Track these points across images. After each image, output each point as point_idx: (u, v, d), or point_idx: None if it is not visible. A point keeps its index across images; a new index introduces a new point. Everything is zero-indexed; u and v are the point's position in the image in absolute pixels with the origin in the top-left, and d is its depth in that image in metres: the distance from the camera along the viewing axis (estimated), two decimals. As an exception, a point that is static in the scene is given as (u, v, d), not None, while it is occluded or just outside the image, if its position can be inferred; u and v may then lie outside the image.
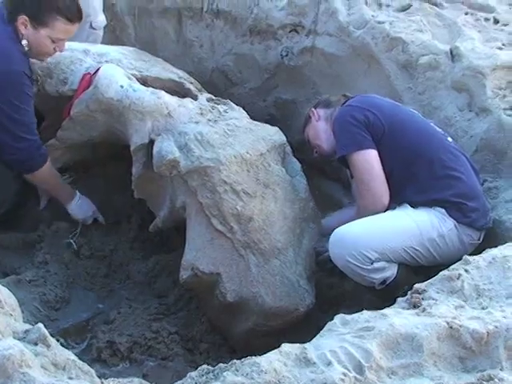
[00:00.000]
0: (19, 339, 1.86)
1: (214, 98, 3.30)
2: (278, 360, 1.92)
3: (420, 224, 2.95)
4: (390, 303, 2.35)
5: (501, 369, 1.97)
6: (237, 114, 3.21)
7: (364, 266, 2.88)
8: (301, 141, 3.65)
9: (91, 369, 1.94)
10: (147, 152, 2.98)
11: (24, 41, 2.99)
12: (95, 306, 3.24)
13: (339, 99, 3.43)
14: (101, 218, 3.50)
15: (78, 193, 3.39)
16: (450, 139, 3.22)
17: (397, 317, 2.10)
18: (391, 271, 2.96)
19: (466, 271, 2.34)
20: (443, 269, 2.44)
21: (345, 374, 1.86)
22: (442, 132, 3.24)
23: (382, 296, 2.90)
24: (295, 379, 1.86)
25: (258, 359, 1.92)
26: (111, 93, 3.03)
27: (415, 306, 2.21)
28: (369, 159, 3.05)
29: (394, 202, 3.06)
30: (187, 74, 3.66)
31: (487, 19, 4.21)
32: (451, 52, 3.77)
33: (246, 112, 3.32)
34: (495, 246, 2.61)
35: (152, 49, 4.24)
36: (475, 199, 3.04)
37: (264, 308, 2.86)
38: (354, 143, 3.07)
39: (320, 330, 2.16)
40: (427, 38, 3.88)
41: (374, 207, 3.04)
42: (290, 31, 4.33)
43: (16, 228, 3.41)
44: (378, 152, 3.06)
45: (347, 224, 2.99)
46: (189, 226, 2.92)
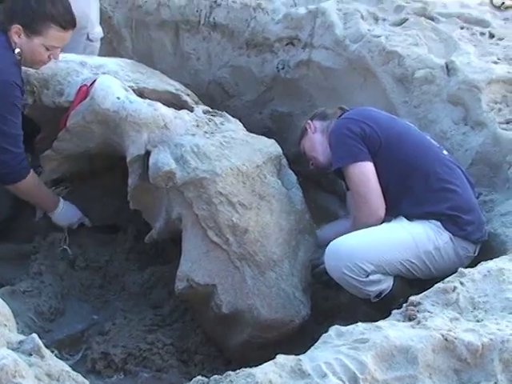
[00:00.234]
0: (13, 349, 1.85)
1: (211, 110, 3.31)
2: (273, 371, 1.91)
3: (416, 236, 2.95)
4: (386, 316, 2.34)
5: (495, 381, 1.97)
6: (233, 126, 3.21)
7: (360, 279, 2.88)
8: (297, 153, 3.65)
9: (85, 380, 1.93)
10: (143, 163, 2.98)
11: (17, 49, 2.97)
12: (90, 318, 3.22)
13: (335, 112, 3.43)
14: (87, 222, 3.46)
15: (62, 200, 3.35)
16: (446, 152, 3.23)
17: (392, 329, 2.10)
18: (387, 284, 2.96)
19: (462, 284, 2.34)
20: (438, 281, 2.44)
21: (340, 386, 1.86)
22: (438, 145, 3.25)
23: (378, 308, 2.90)
24: (290, 391, 1.86)
25: (253, 371, 1.91)
26: (108, 104, 3.03)
27: (410, 319, 2.21)
28: (365, 171, 3.06)
29: (390, 215, 3.06)
30: (184, 86, 3.67)
31: (483, 34, 4.24)
32: (447, 66, 3.79)
33: (243, 124, 3.32)
34: (490, 259, 2.61)
35: (149, 61, 4.26)
36: (471, 212, 3.04)
37: (259, 320, 2.85)
38: (350, 155, 3.07)
39: (315, 342, 2.15)
40: (423, 52, 3.90)
41: (370, 220, 3.04)
42: (287, 44, 4.36)
43: (11, 239, 3.41)
44: (374, 165, 3.06)
45: (343, 236, 2.98)
46: (184, 238, 2.92)
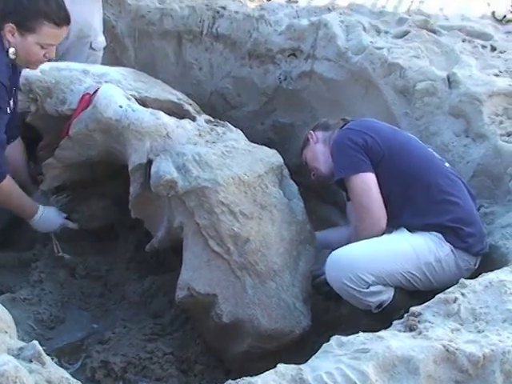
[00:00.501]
0: (14, 356, 1.84)
1: (213, 120, 3.32)
2: (274, 380, 1.91)
3: (417, 248, 2.95)
4: (387, 327, 2.34)
5: (497, 392, 1.97)
6: (235, 136, 3.22)
7: (360, 289, 2.87)
8: (298, 164, 3.66)
9: (85, 387, 1.93)
10: (145, 172, 2.98)
11: (11, 49, 2.91)
12: (90, 326, 3.22)
13: (338, 122, 3.44)
14: (72, 225, 3.38)
15: (42, 206, 3.27)
16: (448, 164, 3.23)
17: (393, 339, 2.09)
18: (388, 295, 2.95)
19: (463, 295, 2.34)
20: (439, 293, 2.43)
21: (340, 396, 1.86)
22: (440, 157, 3.25)
23: (379, 320, 2.88)
24: (291, 400, 1.85)
25: (254, 379, 1.91)
26: (110, 113, 3.03)
27: (411, 329, 2.20)
28: (367, 182, 3.05)
29: (391, 226, 3.05)
30: (186, 96, 3.68)
31: (484, 46, 4.26)
32: (448, 78, 3.80)
33: (245, 135, 3.33)
34: (491, 271, 2.61)
35: (152, 71, 4.26)
36: (472, 224, 3.04)
37: (260, 330, 2.84)
38: (352, 166, 3.07)
39: (315, 353, 2.15)
40: (425, 64, 3.91)
41: (372, 230, 3.03)
42: (289, 55, 4.38)
43: (12, 247, 3.41)
44: (376, 175, 3.06)
45: (344, 247, 2.98)
46: (185, 247, 2.91)
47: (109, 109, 3.04)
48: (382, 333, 2.18)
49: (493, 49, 4.25)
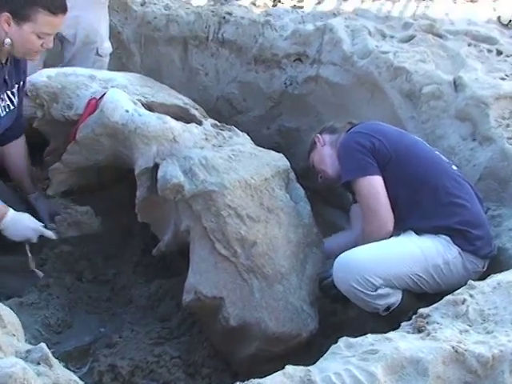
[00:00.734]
0: (21, 359, 1.84)
1: (219, 124, 3.32)
2: (282, 382, 1.90)
3: (425, 250, 2.95)
4: (395, 328, 2.33)
5: (506, 393, 1.96)
6: (241, 140, 3.23)
7: (368, 292, 2.86)
8: (305, 168, 3.66)
9: (93, 390, 1.93)
10: (152, 176, 2.98)
11: (7, 39, 2.88)
12: (97, 330, 3.22)
13: (344, 126, 3.44)
14: (49, 234, 3.17)
15: (13, 211, 3.07)
16: (455, 167, 3.23)
17: (402, 340, 2.09)
18: (396, 297, 2.94)
19: (471, 296, 2.34)
20: (446, 295, 2.43)
21: (349, 397, 1.85)
22: (447, 160, 3.25)
23: (386, 322, 2.88)
24: (300, 401, 1.85)
25: (262, 381, 1.91)
26: (117, 117, 3.04)
27: (420, 331, 2.20)
28: (374, 185, 3.05)
29: (398, 229, 3.05)
30: (192, 101, 3.69)
31: (490, 51, 4.25)
32: (454, 82, 3.80)
33: (251, 139, 3.33)
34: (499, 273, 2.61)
35: (158, 76, 4.26)
36: (480, 227, 3.03)
37: (267, 333, 2.84)
38: (360, 169, 3.07)
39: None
40: (431, 68, 3.91)
41: (379, 233, 3.03)
42: (295, 60, 4.38)
43: (19, 251, 3.40)
44: (383, 178, 3.06)
45: (352, 249, 2.98)
46: (192, 250, 2.91)
47: (115, 113, 3.05)
48: (391, 334, 2.17)
49: (499, 53, 4.24)
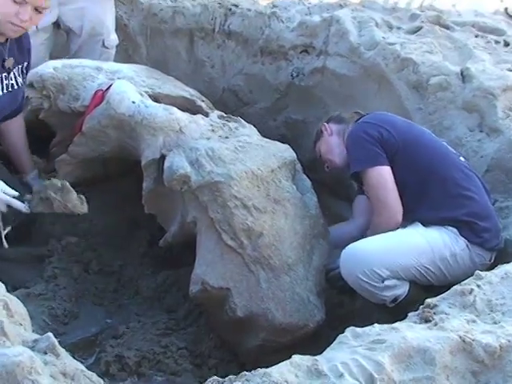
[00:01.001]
0: (28, 348, 1.84)
1: (225, 116, 3.32)
2: (289, 371, 1.90)
3: (432, 242, 2.94)
4: (401, 319, 2.32)
5: (514, 383, 1.96)
6: (247, 131, 3.22)
7: (375, 284, 2.86)
8: (311, 160, 3.65)
9: (100, 379, 1.93)
10: (158, 167, 2.99)
11: None
12: (104, 321, 3.21)
13: (352, 116, 3.43)
14: (17, 205, 2.78)
15: None
16: (463, 159, 3.22)
17: (409, 330, 2.08)
18: (403, 289, 2.94)
19: (479, 286, 2.32)
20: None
21: (356, 387, 1.85)
22: (455, 151, 3.24)
23: (393, 314, 2.87)
24: (306, 390, 1.84)
25: (269, 370, 1.90)
26: (123, 108, 3.04)
27: (427, 321, 2.19)
28: (383, 175, 3.04)
29: (406, 220, 3.04)
30: (199, 93, 3.68)
31: (497, 42, 4.24)
32: (462, 73, 3.78)
33: (257, 131, 3.33)
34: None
35: (164, 68, 4.27)
36: (487, 219, 3.02)
37: (274, 324, 2.83)
38: (369, 159, 3.06)
39: (329, 347, 2.14)
40: (438, 59, 3.90)
41: (389, 224, 3.03)
42: (301, 52, 4.37)
43: (26, 242, 3.41)
44: (391, 169, 3.05)
45: (359, 241, 2.98)
46: (199, 241, 2.91)
47: (122, 105, 3.05)
48: (397, 324, 2.16)
49: (506, 44, 4.22)
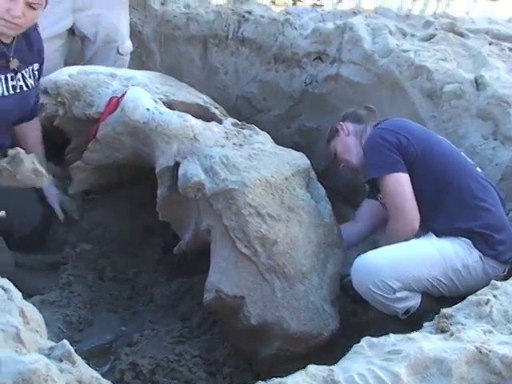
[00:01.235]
0: (44, 355, 1.84)
1: (239, 123, 3.31)
2: (304, 381, 1.89)
3: (444, 253, 2.91)
4: (417, 329, 2.31)
5: (530, 395, 1.94)
6: (262, 139, 3.21)
7: (386, 295, 2.85)
8: (326, 167, 3.64)
9: (116, 388, 1.93)
10: (172, 174, 2.98)
11: None
12: (118, 329, 3.22)
13: (367, 113, 3.42)
14: None
15: None
16: (479, 169, 3.19)
17: (425, 341, 2.07)
18: (415, 301, 2.92)
19: (495, 296, 2.31)
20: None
21: (373, 397, 1.84)
22: (471, 162, 3.21)
23: (407, 325, 2.85)
24: (322, 401, 1.84)
25: (284, 380, 1.89)
26: (138, 115, 3.04)
27: (443, 331, 2.18)
28: (401, 182, 3.01)
29: (421, 229, 3.02)
30: (212, 100, 3.69)
31: (511, 49, 4.22)
32: (476, 81, 3.77)
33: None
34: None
35: (177, 75, 4.27)
36: (502, 231, 2.99)
37: (288, 332, 2.82)
38: (387, 165, 3.03)
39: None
40: (452, 67, 3.89)
41: (405, 231, 3.01)
42: (315, 59, 4.37)
43: (41, 249, 3.42)
44: (410, 177, 3.03)
45: (371, 252, 2.96)
46: (213, 249, 2.90)
47: (136, 112, 3.05)
48: (413, 334, 2.15)
49: (520, 52, 4.21)
